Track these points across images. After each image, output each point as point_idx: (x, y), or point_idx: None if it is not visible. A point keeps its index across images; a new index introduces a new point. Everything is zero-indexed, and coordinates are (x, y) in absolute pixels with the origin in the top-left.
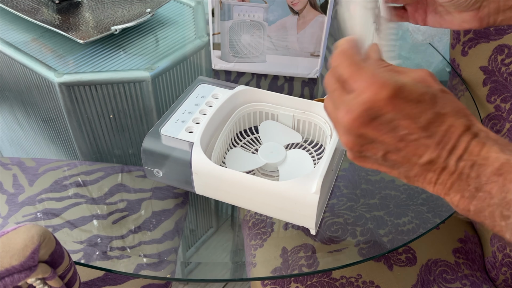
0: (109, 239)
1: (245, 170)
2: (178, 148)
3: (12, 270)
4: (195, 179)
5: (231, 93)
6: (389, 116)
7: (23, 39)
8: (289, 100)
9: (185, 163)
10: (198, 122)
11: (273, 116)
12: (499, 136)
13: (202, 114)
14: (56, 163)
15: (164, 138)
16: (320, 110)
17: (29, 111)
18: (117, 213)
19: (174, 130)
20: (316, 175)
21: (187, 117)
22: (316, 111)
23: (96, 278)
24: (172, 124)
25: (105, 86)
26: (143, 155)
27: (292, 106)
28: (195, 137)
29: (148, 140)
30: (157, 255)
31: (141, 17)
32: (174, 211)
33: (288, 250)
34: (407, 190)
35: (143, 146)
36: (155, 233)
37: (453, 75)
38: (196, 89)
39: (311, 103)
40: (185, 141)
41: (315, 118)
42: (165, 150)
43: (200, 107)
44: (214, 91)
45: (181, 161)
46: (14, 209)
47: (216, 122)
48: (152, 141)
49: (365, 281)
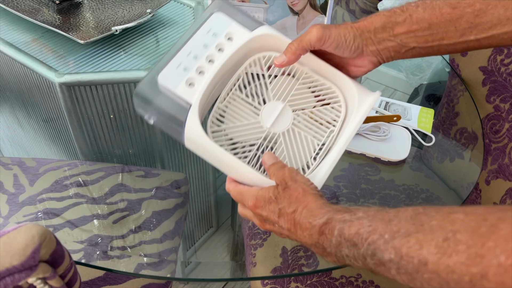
0: (109, 238)
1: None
2: (173, 105)
3: (13, 269)
4: (186, 141)
5: (249, 37)
6: (258, 212)
7: (24, 40)
8: (316, 62)
9: (178, 123)
10: (202, 72)
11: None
12: (313, 206)
13: (208, 61)
14: (57, 163)
15: (161, 87)
16: (345, 85)
17: (30, 111)
18: (118, 213)
19: (173, 79)
20: (318, 176)
21: (190, 63)
22: (340, 84)
23: (96, 277)
24: (172, 70)
25: (105, 86)
26: (135, 99)
27: (317, 70)
28: (194, 96)
29: (143, 85)
30: (158, 255)
31: (141, 17)
32: (174, 211)
33: (288, 249)
34: (406, 190)
35: (136, 90)
36: (156, 233)
37: (452, 75)
38: (209, 20)
39: (339, 75)
40: (183, 99)
41: (334, 91)
42: (159, 102)
43: (209, 50)
44: (229, 28)
45: (175, 120)
46: (15, 209)
47: (222, 75)
48: (146, 88)
49: (365, 281)
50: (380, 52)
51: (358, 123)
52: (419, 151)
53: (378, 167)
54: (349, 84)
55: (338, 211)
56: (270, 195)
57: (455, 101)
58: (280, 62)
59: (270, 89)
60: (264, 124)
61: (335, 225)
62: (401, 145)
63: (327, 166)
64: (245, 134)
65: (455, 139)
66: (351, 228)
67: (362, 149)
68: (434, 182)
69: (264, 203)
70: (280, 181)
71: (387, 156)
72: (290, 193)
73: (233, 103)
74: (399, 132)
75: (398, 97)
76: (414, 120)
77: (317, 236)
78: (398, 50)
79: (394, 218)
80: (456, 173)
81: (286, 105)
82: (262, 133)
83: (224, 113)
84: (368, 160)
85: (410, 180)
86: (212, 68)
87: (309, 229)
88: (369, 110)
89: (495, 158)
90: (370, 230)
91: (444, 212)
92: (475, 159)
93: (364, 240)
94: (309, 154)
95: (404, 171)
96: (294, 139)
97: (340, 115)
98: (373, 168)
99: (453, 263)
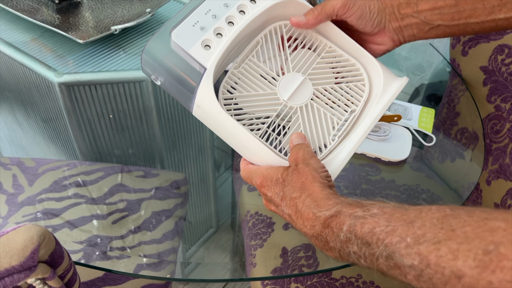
0: (109, 239)
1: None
2: (185, 67)
3: (12, 270)
4: (195, 108)
5: (274, 1)
6: (263, 191)
7: (23, 39)
8: (340, 36)
9: (189, 88)
10: (220, 34)
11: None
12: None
13: (228, 23)
14: (56, 163)
15: (173, 46)
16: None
17: (29, 111)
18: (117, 213)
19: (188, 38)
20: (335, 161)
21: (209, 22)
22: (364, 62)
23: (96, 278)
24: (187, 28)
25: (105, 86)
26: (143, 56)
27: (340, 45)
28: (210, 60)
29: (153, 41)
30: (157, 255)
31: (141, 17)
32: (174, 211)
33: (288, 250)
34: (407, 190)
35: (147, 47)
36: (155, 233)
37: (453, 75)
38: None
39: (365, 53)
40: (197, 62)
41: (359, 68)
42: (170, 62)
43: (229, 11)
44: None
45: (185, 84)
46: (14, 209)
47: (241, 40)
48: (157, 44)
49: (365, 282)
50: (402, 29)
51: (383, 108)
52: (419, 151)
53: (379, 167)
54: (375, 64)
55: (348, 204)
56: (278, 176)
57: (456, 101)
58: (297, 21)
59: (290, 60)
60: (281, 96)
61: (344, 220)
62: (402, 145)
63: (346, 152)
64: (259, 105)
65: (455, 139)
66: (364, 226)
67: (362, 149)
68: (434, 182)
69: (270, 183)
70: (292, 161)
71: (388, 156)
72: (298, 176)
73: (249, 71)
74: (399, 132)
75: (398, 96)
76: (414, 120)
77: (321, 228)
78: (422, 28)
79: (417, 219)
80: (457, 173)
81: (306, 78)
82: (278, 105)
83: (238, 81)
84: (369, 160)
85: (410, 180)
86: (231, 31)
87: (312, 219)
88: (395, 95)
89: (496, 158)
90: (388, 230)
91: (478, 217)
92: (475, 159)
93: (379, 241)
94: (327, 133)
95: (405, 171)
96: (313, 115)
97: (364, 95)
98: (374, 168)
99: (497, 281)
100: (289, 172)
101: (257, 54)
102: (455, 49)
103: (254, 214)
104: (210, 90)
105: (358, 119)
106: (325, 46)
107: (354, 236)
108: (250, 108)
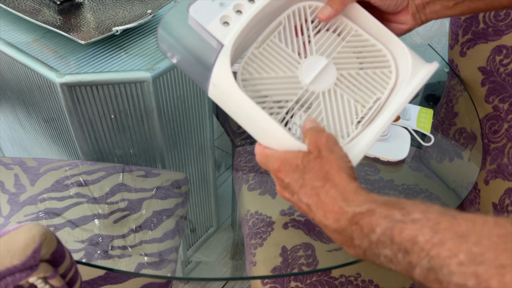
0: (110, 238)
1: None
2: (202, 44)
3: (14, 269)
4: (211, 88)
5: None
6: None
7: (25, 40)
8: (366, 18)
9: (204, 65)
10: (240, 11)
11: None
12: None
13: (249, 0)
14: (58, 163)
15: (191, 21)
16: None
17: (31, 112)
18: (118, 213)
19: (206, 14)
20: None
21: None
22: (391, 47)
23: (97, 277)
24: (206, 4)
25: (106, 87)
26: (160, 31)
27: (366, 29)
28: (228, 37)
29: (170, 16)
30: (158, 254)
31: (142, 18)
32: (175, 210)
33: (288, 249)
34: (405, 190)
35: (163, 22)
36: (156, 232)
37: (451, 75)
38: None
39: (392, 37)
40: (215, 38)
41: (386, 54)
42: (186, 38)
43: None
44: None
45: (201, 61)
46: (16, 209)
47: (261, 19)
48: (175, 21)
49: (364, 280)
50: (425, 6)
51: (409, 94)
52: (418, 151)
53: (377, 167)
54: (403, 49)
55: (384, 204)
56: (298, 162)
57: (454, 101)
58: (326, 15)
59: (313, 43)
60: (302, 80)
61: (378, 222)
62: (400, 145)
63: (367, 141)
64: (279, 88)
65: (454, 139)
66: (403, 232)
67: None
68: (433, 182)
69: (289, 168)
70: (314, 147)
71: (386, 156)
72: (322, 164)
73: (270, 52)
74: (398, 132)
75: None
76: (413, 120)
77: (347, 224)
78: (446, 4)
79: (470, 233)
80: (455, 173)
81: (330, 62)
82: (299, 89)
83: (258, 61)
84: (367, 160)
85: (409, 180)
86: (252, 8)
87: (337, 213)
88: (423, 82)
89: (494, 158)
90: (435, 242)
91: None
92: (474, 159)
93: (422, 251)
94: (350, 121)
95: (403, 171)
96: (335, 101)
97: (390, 82)
98: (373, 168)
99: None
100: (311, 159)
101: (279, 35)
102: (453, 50)
103: (254, 213)
104: (227, 67)
105: (383, 106)
106: (350, 29)
107: (389, 241)
108: (269, 91)
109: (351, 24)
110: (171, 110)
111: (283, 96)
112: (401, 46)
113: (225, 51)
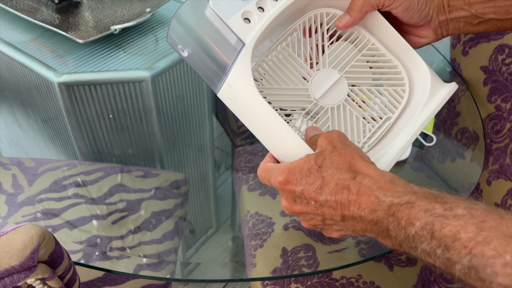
0: (108, 239)
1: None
2: (221, 40)
3: (12, 270)
4: (224, 88)
5: None
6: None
7: (23, 39)
8: (385, 29)
9: (220, 64)
10: (262, 8)
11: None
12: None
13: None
14: (56, 163)
15: (209, 13)
16: (415, 67)
17: (29, 111)
18: (117, 213)
19: (227, 7)
20: None
21: None
22: (408, 64)
23: (95, 278)
24: None
25: (104, 86)
26: (173, 22)
27: (384, 41)
28: (250, 35)
29: (188, 7)
30: (157, 256)
31: (141, 16)
32: (174, 211)
33: (288, 250)
34: None
35: (179, 11)
36: (155, 234)
37: (453, 75)
38: None
39: (412, 54)
40: (235, 35)
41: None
42: (203, 31)
43: None
44: None
45: (217, 59)
46: (14, 209)
47: (280, 21)
48: (191, 11)
49: (366, 282)
50: (448, 22)
51: (429, 116)
52: (420, 151)
53: None
54: (423, 67)
55: (424, 197)
56: (311, 164)
57: (456, 101)
58: (344, 23)
59: (327, 54)
60: (312, 94)
61: (418, 215)
62: None
63: (386, 162)
64: (288, 101)
65: (456, 139)
66: (444, 227)
67: None
68: (435, 182)
69: (299, 175)
70: (327, 143)
71: None
72: (340, 157)
73: (281, 61)
74: None
75: None
76: None
77: (383, 215)
78: (470, 21)
79: None
80: (457, 173)
81: (342, 77)
82: (308, 103)
83: (268, 70)
84: None
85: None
86: (275, 7)
87: (373, 203)
88: (443, 103)
89: (496, 158)
90: (479, 240)
91: None
92: (476, 159)
93: (465, 249)
94: (357, 139)
95: (405, 171)
96: (344, 118)
97: (402, 102)
98: None
99: None
100: (326, 155)
101: (292, 43)
102: (455, 49)
103: (254, 214)
104: (247, 69)
105: (392, 126)
106: (367, 42)
107: (429, 236)
108: (278, 103)
109: (369, 35)
110: (170, 109)
111: (291, 106)
112: (422, 64)
113: (246, 51)
